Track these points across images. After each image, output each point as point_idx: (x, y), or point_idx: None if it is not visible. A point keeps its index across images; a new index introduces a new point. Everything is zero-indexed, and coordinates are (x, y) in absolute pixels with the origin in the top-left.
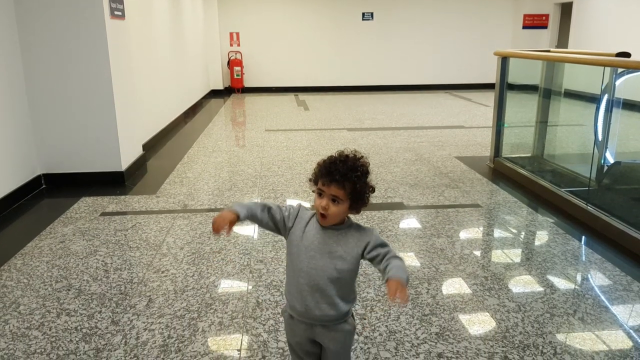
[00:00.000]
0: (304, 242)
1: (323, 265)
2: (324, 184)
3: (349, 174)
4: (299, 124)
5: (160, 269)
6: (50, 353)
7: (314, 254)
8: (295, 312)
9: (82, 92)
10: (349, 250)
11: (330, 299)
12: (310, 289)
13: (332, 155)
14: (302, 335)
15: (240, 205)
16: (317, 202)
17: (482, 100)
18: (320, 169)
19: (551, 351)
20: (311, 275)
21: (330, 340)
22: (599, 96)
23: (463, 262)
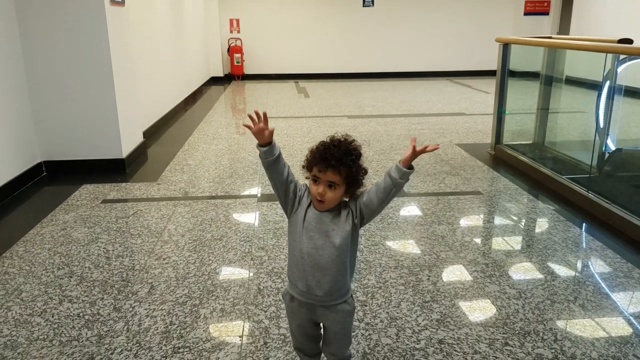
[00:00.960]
0: (304, 223)
1: (322, 245)
2: (320, 171)
3: (344, 158)
4: (299, 111)
5: (161, 256)
6: (53, 339)
7: (313, 234)
8: (297, 292)
9: (82, 79)
10: (343, 225)
11: (331, 277)
12: (312, 269)
13: (324, 141)
14: (304, 317)
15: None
16: (313, 189)
17: (483, 87)
18: (314, 156)
19: (552, 337)
20: (312, 255)
21: (331, 321)
22: (600, 83)
23: (464, 249)
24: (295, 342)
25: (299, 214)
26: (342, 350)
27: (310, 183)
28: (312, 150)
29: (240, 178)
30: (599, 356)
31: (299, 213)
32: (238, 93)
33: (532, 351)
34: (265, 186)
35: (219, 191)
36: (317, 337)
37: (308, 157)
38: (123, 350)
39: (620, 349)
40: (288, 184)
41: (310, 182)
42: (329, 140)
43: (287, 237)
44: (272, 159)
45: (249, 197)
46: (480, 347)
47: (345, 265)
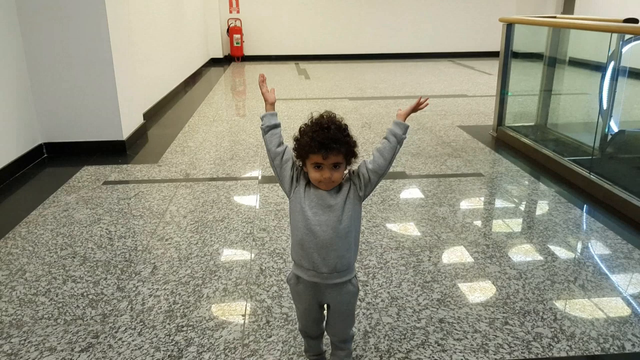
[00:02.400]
0: (306, 200)
1: (326, 220)
2: (323, 157)
3: (341, 137)
4: (299, 93)
5: (164, 237)
6: (58, 318)
7: (316, 210)
8: (302, 272)
9: (81, 60)
10: (345, 199)
11: (335, 252)
12: (316, 246)
13: (312, 125)
14: (310, 300)
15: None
16: (316, 176)
17: (485, 69)
18: (310, 144)
19: (551, 317)
20: (316, 232)
21: (337, 302)
22: (604, 64)
23: (465, 231)
24: (301, 325)
25: (298, 192)
26: (346, 330)
27: (310, 170)
28: (300, 139)
29: (241, 160)
30: (598, 335)
31: (299, 191)
32: (238, 75)
33: (531, 330)
34: (266, 168)
35: (220, 173)
36: (322, 319)
37: (297, 146)
38: (127, 329)
39: (619, 328)
40: (285, 161)
41: (309, 169)
42: (317, 123)
43: (290, 217)
44: (275, 123)
45: (250, 179)
46: (480, 326)
47: (350, 240)
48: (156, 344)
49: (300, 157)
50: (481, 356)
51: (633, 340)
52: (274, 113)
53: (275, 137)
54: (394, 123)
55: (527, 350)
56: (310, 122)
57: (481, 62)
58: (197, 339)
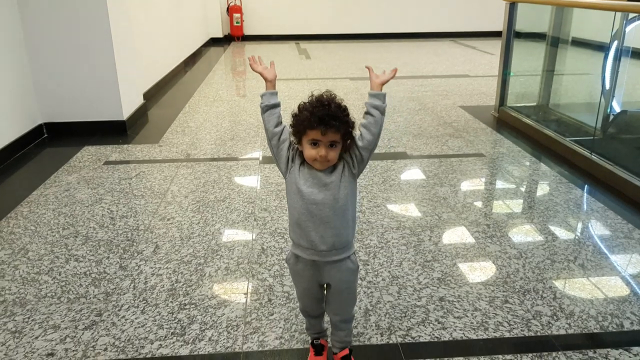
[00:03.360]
0: (301, 179)
1: (322, 199)
2: (322, 133)
3: (340, 115)
4: (300, 73)
5: (165, 216)
6: (61, 297)
7: (312, 189)
8: (300, 250)
9: (81, 40)
10: (340, 176)
11: (333, 230)
12: (314, 224)
13: (311, 102)
14: (310, 279)
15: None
16: (312, 153)
17: (487, 49)
18: (309, 119)
19: (551, 296)
20: (312, 211)
21: (337, 280)
22: (607, 44)
23: (465, 211)
24: (302, 305)
25: (293, 172)
26: (347, 309)
27: (305, 147)
28: (299, 114)
29: (242, 140)
30: (597, 314)
31: (294, 171)
32: (238, 54)
33: (531, 308)
34: (266, 148)
35: (220, 153)
36: (322, 298)
37: (295, 122)
38: (130, 307)
39: (618, 307)
40: (282, 141)
41: (305, 146)
42: (318, 100)
43: (286, 198)
44: (274, 102)
45: (251, 159)
46: (480, 305)
47: (347, 217)
48: (159, 321)
49: (297, 133)
50: (481, 334)
51: (632, 318)
52: (274, 92)
53: (273, 117)
54: (371, 95)
55: (526, 328)
56: (310, 99)
57: (483, 42)
58: (200, 316)
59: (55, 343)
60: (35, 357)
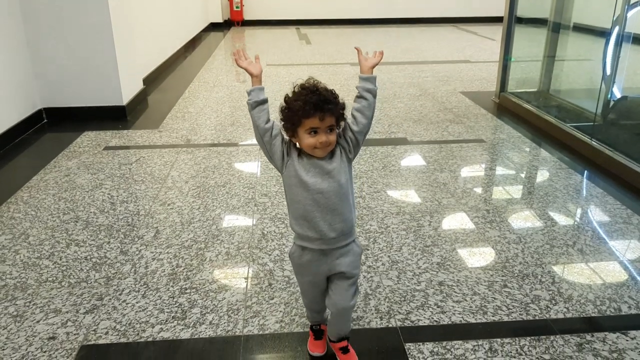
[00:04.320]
0: (302, 171)
1: (328, 187)
2: (320, 119)
3: (332, 98)
4: (300, 59)
5: (166, 201)
6: (62, 281)
7: (315, 179)
8: (308, 242)
9: (80, 25)
10: (339, 162)
11: (341, 216)
12: (322, 214)
13: (299, 92)
14: (317, 270)
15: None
16: (312, 141)
17: (488, 34)
18: (304, 108)
19: (549, 280)
20: (318, 200)
21: (346, 266)
22: (608, 30)
23: (465, 196)
24: (307, 301)
25: (291, 165)
26: (353, 296)
27: (303, 138)
28: (289, 106)
29: (242, 126)
30: (595, 298)
31: (292, 164)
32: (238, 40)
33: (530, 293)
34: None
35: (221, 139)
36: (325, 290)
37: (288, 114)
38: (131, 292)
39: (616, 291)
40: (275, 136)
41: (302, 136)
42: (306, 88)
43: (286, 194)
44: (263, 98)
45: (251, 145)
46: (479, 289)
47: (350, 201)
48: (160, 305)
49: (291, 126)
50: (480, 317)
51: (629, 302)
52: (262, 87)
53: (263, 113)
54: (362, 79)
55: (525, 312)
56: (296, 89)
57: (485, 28)
58: (201, 301)
59: (57, 327)
60: (37, 340)
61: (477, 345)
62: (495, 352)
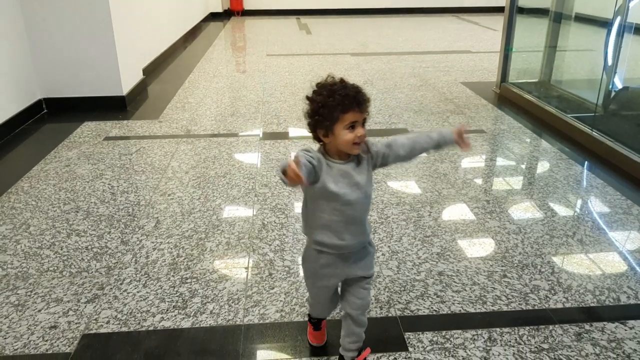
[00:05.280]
0: (331, 181)
1: (356, 199)
2: (360, 112)
3: (364, 92)
4: (301, 49)
5: (166, 192)
6: (63, 270)
7: (345, 190)
8: (326, 247)
9: (80, 14)
10: (366, 172)
11: (363, 226)
12: (345, 225)
13: (330, 89)
14: (332, 275)
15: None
16: (350, 137)
17: (490, 25)
18: (344, 102)
19: (549, 270)
20: (345, 211)
21: (363, 267)
22: (610, 20)
23: (465, 187)
24: (317, 311)
25: (322, 180)
26: (369, 297)
27: (340, 134)
28: (325, 104)
29: (242, 116)
30: (594, 288)
31: (323, 179)
32: (238, 30)
33: (529, 283)
34: (267, 124)
35: (221, 129)
36: (337, 299)
37: (325, 112)
38: (132, 281)
39: (615, 281)
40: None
41: (340, 133)
42: (335, 84)
43: (305, 203)
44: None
45: (251, 135)
46: (478, 279)
47: (369, 210)
48: (161, 295)
49: (329, 124)
50: (479, 307)
51: (628, 292)
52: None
53: (311, 175)
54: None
55: (524, 302)
56: (320, 87)
57: (486, 18)
58: (201, 290)
59: (58, 316)
60: (39, 329)
61: (476, 335)
62: (494, 341)
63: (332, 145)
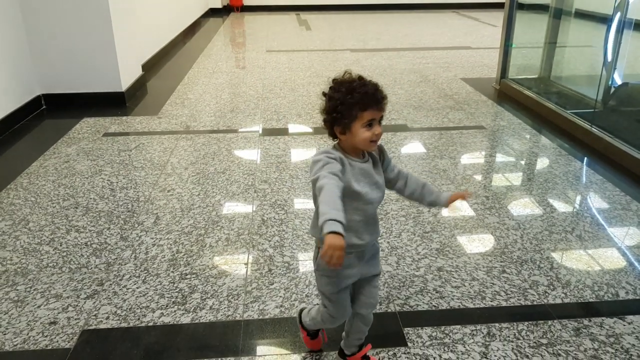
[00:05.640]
0: (353, 180)
1: (375, 197)
2: (378, 109)
3: (382, 89)
4: (300, 45)
5: (165, 188)
6: (63, 267)
7: (367, 189)
8: (352, 248)
9: (78, 10)
10: (381, 173)
11: (377, 224)
12: (365, 224)
13: (349, 86)
14: (350, 275)
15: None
16: (368, 135)
17: (490, 20)
18: (364, 99)
19: (548, 266)
20: (367, 211)
21: (374, 266)
22: (610, 16)
23: (465, 183)
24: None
25: (346, 180)
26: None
27: (358, 132)
28: (346, 101)
29: (241, 112)
30: (593, 283)
31: (347, 178)
32: (237, 25)
33: (528, 278)
34: (266, 120)
35: (220, 125)
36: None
37: (344, 109)
38: (132, 277)
39: (614, 277)
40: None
41: (358, 131)
42: (354, 80)
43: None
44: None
45: (250, 131)
46: (477, 275)
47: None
48: (160, 291)
49: (347, 122)
50: (478, 303)
51: (627, 288)
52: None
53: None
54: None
55: (523, 297)
56: (338, 83)
57: (486, 14)
58: (201, 286)
59: (58, 312)
60: (38, 325)
61: (475, 330)
62: (493, 336)
63: (348, 142)
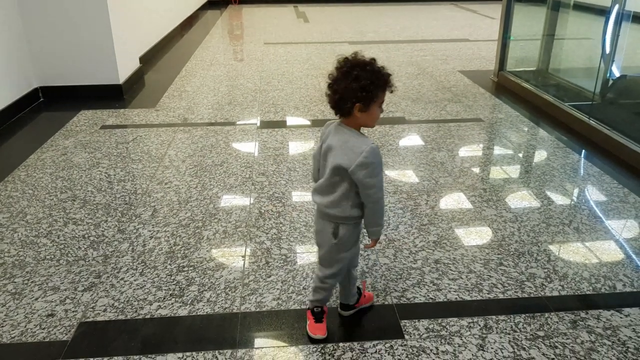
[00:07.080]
0: None
1: None
2: (391, 92)
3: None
4: (298, 37)
5: (163, 180)
6: (60, 259)
7: None
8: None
9: (76, 2)
10: None
11: None
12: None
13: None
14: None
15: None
16: (379, 114)
17: (488, 13)
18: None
19: (545, 258)
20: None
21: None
22: (608, 8)
23: (463, 175)
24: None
25: None
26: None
27: (373, 112)
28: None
29: (239, 105)
30: (590, 276)
31: None
32: (235, 18)
33: (525, 271)
34: (264, 113)
35: (218, 118)
36: None
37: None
38: (129, 269)
39: (611, 269)
40: None
41: (374, 111)
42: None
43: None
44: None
45: (248, 124)
46: (475, 267)
47: None
48: (158, 283)
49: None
50: (475, 295)
51: (624, 280)
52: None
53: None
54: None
55: (520, 290)
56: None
57: (484, 6)
58: (198, 278)
59: (55, 304)
60: (36, 317)
61: (472, 322)
62: (490, 329)
63: (361, 120)
